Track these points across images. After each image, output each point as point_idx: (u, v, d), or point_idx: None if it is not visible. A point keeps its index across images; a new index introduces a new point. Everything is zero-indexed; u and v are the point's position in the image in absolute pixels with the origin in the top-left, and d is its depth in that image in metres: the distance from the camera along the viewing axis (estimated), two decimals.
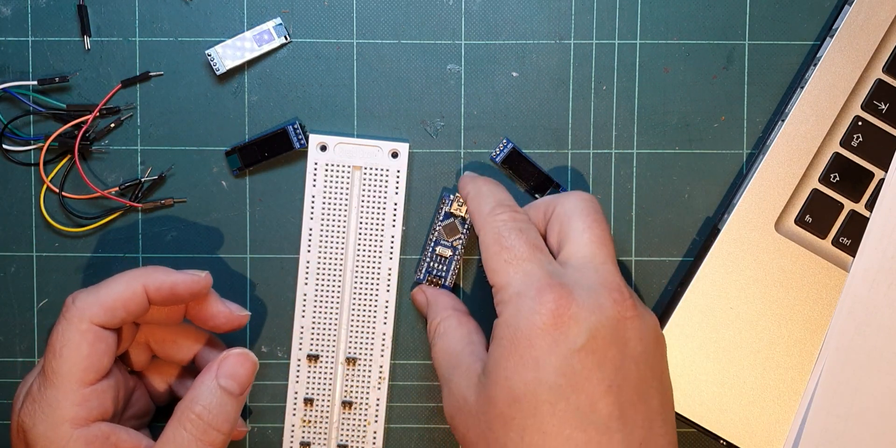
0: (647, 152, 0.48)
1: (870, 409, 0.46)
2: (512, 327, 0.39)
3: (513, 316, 0.40)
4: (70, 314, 0.40)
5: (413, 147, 0.48)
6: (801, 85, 0.47)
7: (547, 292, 0.39)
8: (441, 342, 0.44)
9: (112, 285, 0.41)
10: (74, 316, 0.40)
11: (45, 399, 0.39)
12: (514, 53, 0.48)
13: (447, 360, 0.43)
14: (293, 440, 0.47)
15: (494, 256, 0.41)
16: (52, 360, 0.39)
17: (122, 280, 0.41)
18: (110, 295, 0.40)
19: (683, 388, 0.46)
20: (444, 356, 0.43)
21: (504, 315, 0.40)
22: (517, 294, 0.40)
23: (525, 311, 0.39)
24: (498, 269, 0.41)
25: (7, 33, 0.48)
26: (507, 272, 0.41)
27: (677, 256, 0.48)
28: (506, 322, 0.40)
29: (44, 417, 0.39)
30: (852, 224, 0.47)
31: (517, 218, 0.43)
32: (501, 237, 0.42)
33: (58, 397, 0.39)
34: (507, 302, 0.40)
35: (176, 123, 0.48)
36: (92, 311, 0.40)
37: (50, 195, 0.48)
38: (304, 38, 0.48)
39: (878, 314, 0.46)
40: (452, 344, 0.43)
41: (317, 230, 0.47)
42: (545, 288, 0.39)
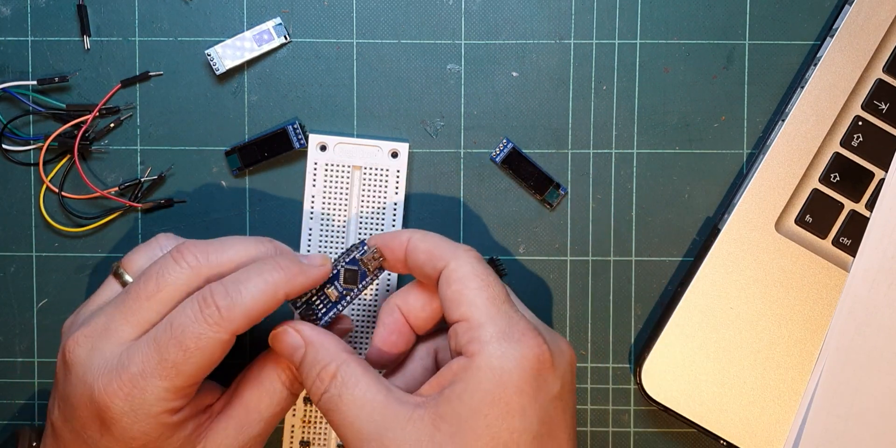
0: (647, 152, 0.48)
1: (870, 409, 0.46)
2: (497, 371, 0.36)
3: (498, 358, 0.37)
4: (213, 321, 0.37)
5: (413, 147, 0.48)
6: (801, 85, 0.47)
7: (531, 336, 0.37)
8: (349, 394, 0.37)
9: (258, 296, 0.38)
10: (220, 325, 0.37)
11: (152, 388, 0.37)
12: (514, 53, 0.48)
13: (371, 415, 0.37)
14: (293, 440, 0.47)
15: (474, 291, 0.38)
16: (180, 357, 0.37)
17: (269, 290, 0.38)
18: (258, 309, 0.38)
19: (683, 388, 0.46)
20: (363, 411, 0.37)
21: (484, 356, 0.37)
22: (501, 335, 0.37)
23: (513, 354, 0.37)
24: (477, 305, 0.38)
25: (7, 33, 0.48)
26: (487, 310, 0.38)
27: (677, 256, 0.48)
28: (488, 364, 0.36)
29: (144, 406, 0.37)
30: (852, 224, 0.47)
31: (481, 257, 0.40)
32: (482, 273, 0.39)
33: (168, 390, 0.37)
34: (487, 342, 0.37)
35: (176, 123, 0.48)
36: (239, 324, 0.37)
37: (50, 195, 0.48)
38: (303, 37, 0.48)
39: (878, 314, 0.46)
40: (369, 394, 0.37)
41: (317, 230, 0.47)
42: (528, 332, 0.37)
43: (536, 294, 0.48)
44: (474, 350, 0.37)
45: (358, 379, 0.38)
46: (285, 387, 0.40)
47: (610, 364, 0.49)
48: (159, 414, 0.38)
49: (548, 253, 0.48)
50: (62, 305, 0.48)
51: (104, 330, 0.39)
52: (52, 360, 0.48)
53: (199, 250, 0.39)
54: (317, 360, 0.39)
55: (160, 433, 0.38)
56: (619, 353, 0.49)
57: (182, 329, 0.37)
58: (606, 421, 0.49)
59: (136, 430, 0.37)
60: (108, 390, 0.37)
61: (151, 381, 0.37)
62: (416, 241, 0.40)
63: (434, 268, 0.39)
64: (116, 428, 0.37)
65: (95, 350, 0.38)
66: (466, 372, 0.37)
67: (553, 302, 0.48)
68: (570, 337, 0.49)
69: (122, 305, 0.39)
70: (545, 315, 0.48)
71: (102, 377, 0.37)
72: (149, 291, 0.39)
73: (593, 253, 0.48)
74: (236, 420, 0.40)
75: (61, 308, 0.48)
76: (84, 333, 0.39)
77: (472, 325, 0.38)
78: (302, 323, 0.40)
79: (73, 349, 0.39)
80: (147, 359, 0.37)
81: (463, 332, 0.38)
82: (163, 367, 0.37)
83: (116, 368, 0.37)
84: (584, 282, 0.48)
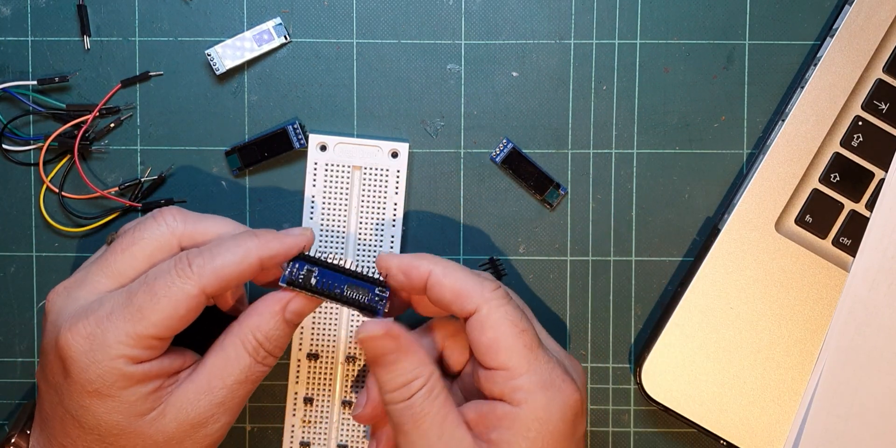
0: (647, 152, 0.48)
1: (870, 409, 0.46)
2: (543, 420, 0.38)
3: (544, 408, 0.39)
4: (185, 274, 0.38)
5: (413, 147, 0.48)
6: (801, 85, 0.47)
7: (570, 383, 0.39)
8: (430, 406, 0.39)
9: (229, 257, 0.39)
10: (190, 279, 0.38)
11: (114, 330, 0.38)
12: (514, 53, 0.48)
13: (440, 437, 0.39)
14: (293, 440, 0.47)
15: (512, 339, 0.39)
16: (147, 301, 0.38)
17: (240, 252, 0.39)
18: (228, 269, 0.39)
19: (683, 388, 0.46)
20: (433, 428, 0.39)
21: (530, 406, 0.39)
22: (545, 384, 0.39)
23: (558, 403, 0.39)
24: (517, 354, 0.39)
25: (7, 33, 0.48)
26: (527, 358, 0.39)
27: (677, 256, 0.48)
28: (534, 415, 0.38)
29: (103, 347, 0.38)
30: (852, 224, 0.47)
31: (509, 294, 0.41)
32: (516, 319, 0.40)
33: (129, 335, 0.38)
34: (531, 391, 0.39)
35: (176, 123, 0.48)
36: (209, 281, 0.39)
37: (50, 195, 0.48)
38: (303, 37, 0.48)
39: (878, 314, 0.46)
40: (444, 410, 0.39)
41: (317, 230, 0.47)
42: (567, 379, 0.39)
43: (536, 294, 0.48)
44: (520, 399, 0.39)
45: (438, 394, 0.39)
46: (248, 354, 0.40)
47: (610, 364, 0.49)
48: (116, 358, 0.38)
49: (548, 253, 0.48)
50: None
51: (82, 280, 0.40)
52: None
53: (180, 214, 0.41)
54: (409, 370, 0.39)
55: (115, 380, 0.38)
56: (619, 353, 0.49)
57: (154, 277, 0.39)
58: (606, 421, 0.49)
59: (92, 372, 0.38)
60: (73, 330, 0.38)
61: (115, 323, 0.38)
62: (439, 276, 0.40)
63: (462, 309, 0.40)
64: (74, 368, 0.38)
65: (70, 298, 0.40)
66: (513, 420, 0.39)
67: (553, 302, 0.48)
68: (570, 337, 0.49)
69: (100, 259, 0.41)
70: (545, 315, 0.48)
71: (71, 319, 0.39)
72: (124, 245, 0.40)
73: (593, 253, 0.48)
74: (197, 385, 0.40)
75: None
76: (64, 285, 0.41)
77: (513, 374, 0.39)
78: (398, 326, 0.39)
79: (52, 298, 0.41)
80: (117, 303, 0.39)
81: (503, 380, 0.39)
82: (129, 310, 0.38)
83: (86, 311, 0.39)
84: (584, 282, 0.48)
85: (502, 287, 0.41)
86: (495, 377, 0.39)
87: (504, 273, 0.48)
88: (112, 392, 0.38)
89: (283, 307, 0.40)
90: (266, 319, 0.40)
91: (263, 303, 0.41)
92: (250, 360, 0.40)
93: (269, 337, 0.40)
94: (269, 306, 0.40)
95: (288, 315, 0.40)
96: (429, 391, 0.39)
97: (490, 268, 0.48)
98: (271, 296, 0.41)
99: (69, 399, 0.39)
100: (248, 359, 0.40)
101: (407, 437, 0.39)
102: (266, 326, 0.40)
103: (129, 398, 0.39)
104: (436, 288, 0.40)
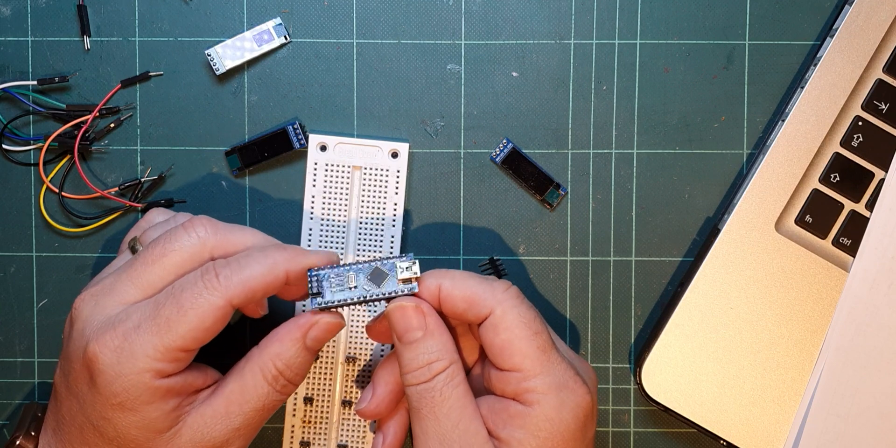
0: (647, 152, 0.48)
1: (870, 409, 0.46)
2: (555, 421, 0.39)
3: (556, 409, 0.39)
4: (212, 286, 0.38)
5: (413, 147, 0.48)
6: (801, 85, 0.47)
7: (581, 385, 0.40)
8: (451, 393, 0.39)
9: (257, 268, 0.39)
10: (217, 290, 0.38)
11: (142, 343, 0.38)
12: (514, 53, 0.48)
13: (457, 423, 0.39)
14: (293, 440, 0.47)
15: (525, 341, 0.39)
16: (174, 313, 0.38)
17: (268, 263, 0.39)
18: (255, 280, 0.39)
19: (683, 389, 0.46)
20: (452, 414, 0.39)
21: (543, 407, 0.39)
22: (557, 386, 0.39)
23: (570, 405, 0.39)
24: (531, 355, 0.39)
25: (7, 33, 0.48)
26: (540, 360, 0.39)
27: (677, 256, 0.48)
28: (546, 416, 0.39)
29: (131, 359, 0.38)
30: (852, 224, 0.47)
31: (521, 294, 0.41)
32: (530, 320, 0.40)
33: (157, 348, 0.38)
34: (544, 392, 0.39)
35: (176, 123, 0.48)
36: (235, 292, 0.38)
37: (50, 195, 0.48)
38: (303, 38, 0.48)
39: (878, 314, 0.46)
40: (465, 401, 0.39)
41: (317, 230, 0.47)
42: (579, 381, 0.40)
43: (536, 294, 0.48)
44: (532, 400, 0.39)
45: (460, 381, 0.39)
46: (267, 383, 0.40)
47: (610, 364, 0.49)
48: (143, 371, 0.38)
49: (548, 253, 0.48)
50: (62, 305, 0.48)
51: (110, 289, 0.40)
52: (52, 360, 0.48)
53: (210, 224, 0.41)
54: (432, 351, 0.39)
55: (140, 394, 0.38)
56: (619, 353, 0.49)
57: (181, 289, 0.39)
58: (606, 421, 0.49)
59: (118, 385, 0.38)
60: (101, 341, 0.38)
61: (143, 335, 0.38)
62: (449, 288, 0.40)
63: (477, 315, 0.40)
64: (100, 379, 0.38)
65: (98, 306, 0.40)
66: (525, 419, 0.39)
67: (553, 302, 0.48)
68: (569, 337, 0.49)
69: (129, 268, 0.40)
70: (545, 315, 0.48)
71: (99, 330, 0.39)
72: (154, 255, 0.40)
73: (593, 253, 0.48)
74: (214, 409, 0.40)
75: (61, 308, 0.48)
76: (91, 292, 0.40)
77: (527, 375, 0.39)
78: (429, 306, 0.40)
79: (78, 306, 0.40)
80: (144, 315, 0.38)
81: (517, 381, 0.39)
82: (156, 322, 0.38)
83: (113, 322, 0.39)
84: (584, 282, 0.48)
85: (513, 287, 0.41)
86: (508, 378, 0.39)
87: (504, 273, 0.48)
88: (135, 406, 0.38)
89: (303, 334, 0.40)
90: (287, 347, 0.40)
91: (285, 329, 0.40)
92: (269, 389, 0.40)
93: (289, 365, 0.40)
94: (290, 333, 0.40)
95: (309, 342, 0.40)
96: (450, 376, 0.39)
97: (490, 268, 0.48)
98: (292, 322, 0.41)
99: (92, 409, 0.39)
100: (267, 387, 0.40)
101: (423, 422, 0.39)
102: (287, 354, 0.40)
103: (151, 414, 0.39)
104: (448, 301, 0.40)
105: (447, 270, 0.41)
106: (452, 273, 0.41)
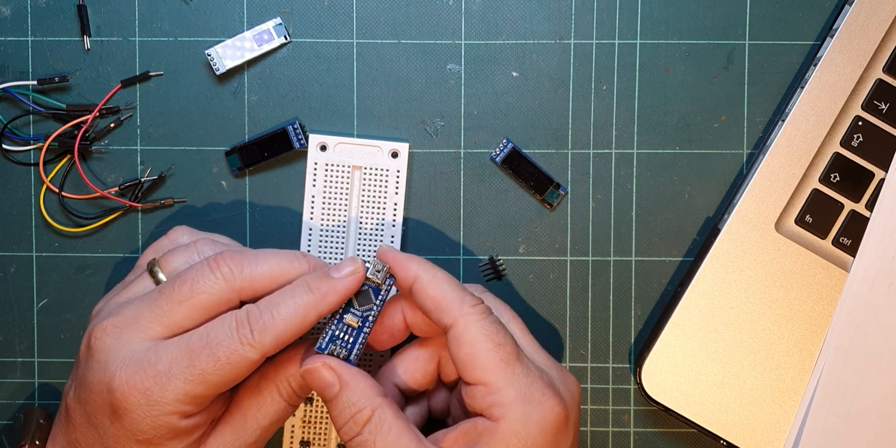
0: (647, 152, 0.48)
1: (870, 409, 0.46)
2: (522, 435, 0.38)
3: (521, 422, 0.38)
4: (248, 342, 0.38)
5: (413, 147, 0.48)
6: (801, 85, 0.47)
7: (549, 396, 0.39)
8: (382, 440, 0.38)
9: (291, 321, 0.39)
10: (252, 346, 0.38)
11: (174, 390, 0.38)
12: (514, 53, 0.48)
13: None
14: (293, 440, 0.47)
15: (487, 353, 0.39)
16: (210, 366, 0.38)
17: (300, 313, 0.39)
18: (289, 331, 0.39)
19: (683, 388, 0.46)
20: None
21: (508, 421, 0.38)
22: (523, 398, 0.38)
23: (536, 417, 0.38)
24: (493, 368, 0.39)
25: (7, 33, 0.48)
26: (504, 372, 0.39)
27: (677, 256, 0.48)
28: (512, 429, 0.38)
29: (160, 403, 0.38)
30: (852, 224, 0.47)
31: (489, 310, 0.40)
32: (493, 333, 0.39)
33: (188, 394, 0.38)
34: (508, 406, 0.38)
35: (176, 123, 0.48)
36: (269, 347, 0.38)
37: (50, 195, 0.48)
38: (304, 38, 0.48)
39: (878, 314, 0.46)
40: (401, 443, 0.38)
41: (317, 230, 0.47)
42: (547, 391, 0.39)
43: (536, 294, 0.48)
44: (498, 414, 0.38)
45: (391, 426, 0.38)
46: (283, 398, 0.41)
47: (610, 364, 0.49)
48: (171, 414, 0.38)
49: (548, 253, 0.48)
50: (62, 305, 0.48)
51: (134, 323, 0.39)
52: (51, 360, 0.48)
53: (235, 262, 0.40)
54: (351, 403, 0.39)
55: (166, 433, 0.38)
56: (619, 353, 0.49)
57: (217, 342, 0.38)
58: (606, 421, 0.49)
59: (145, 424, 0.38)
60: (130, 382, 0.38)
61: (175, 382, 0.38)
62: (423, 282, 0.40)
63: (440, 320, 0.40)
64: (127, 419, 0.38)
65: (122, 341, 0.39)
66: (492, 435, 0.38)
67: (553, 302, 0.48)
68: (570, 337, 0.49)
69: (153, 304, 0.40)
70: (545, 315, 0.48)
71: (126, 368, 0.38)
72: (182, 296, 0.39)
73: (593, 253, 0.48)
74: (233, 427, 0.40)
75: (61, 308, 0.48)
76: (113, 323, 0.39)
77: (490, 389, 0.39)
78: (338, 362, 0.40)
79: (100, 336, 0.39)
80: (176, 361, 0.38)
81: (482, 395, 0.39)
82: (190, 371, 0.38)
83: (142, 363, 0.38)
84: (584, 282, 0.48)
85: (483, 304, 0.40)
86: (475, 392, 0.39)
87: (504, 273, 0.48)
88: (161, 442, 0.39)
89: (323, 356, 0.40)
90: None
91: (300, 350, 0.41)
92: (284, 404, 0.41)
93: (303, 385, 0.41)
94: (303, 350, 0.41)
95: None
96: (377, 424, 0.38)
97: (490, 268, 0.48)
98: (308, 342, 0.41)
99: (114, 441, 0.39)
100: (284, 403, 0.41)
101: None
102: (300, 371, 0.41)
103: (176, 446, 0.39)
104: (419, 294, 0.40)
105: (432, 266, 0.41)
106: (434, 270, 0.41)
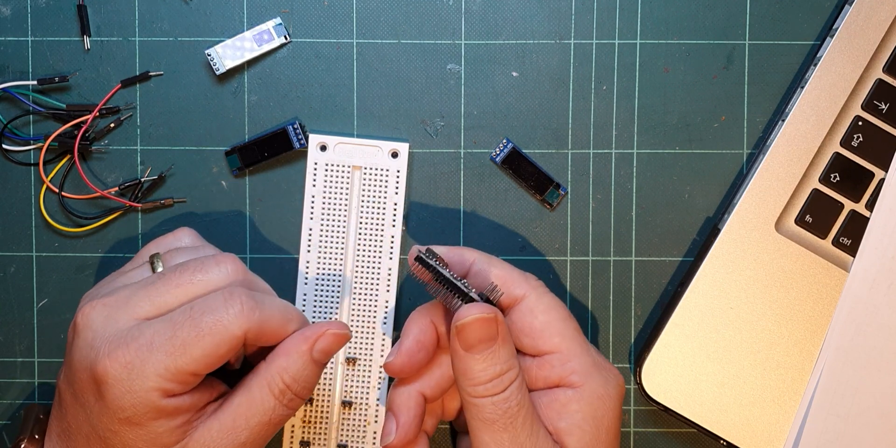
0: (647, 152, 0.48)
1: (870, 409, 0.46)
2: (604, 398, 0.41)
3: (603, 386, 0.41)
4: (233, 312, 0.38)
5: (413, 147, 0.48)
6: (801, 85, 0.47)
7: (612, 365, 0.43)
8: (522, 402, 0.39)
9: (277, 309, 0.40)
10: (238, 317, 0.38)
11: (154, 362, 0.38)
12: (514, 53, 0.48)
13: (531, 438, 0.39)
14: (293, 440, 0.47)
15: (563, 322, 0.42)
16: (192, 336, 0.38)
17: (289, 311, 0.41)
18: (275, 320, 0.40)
19: (683, 388, 0.46)
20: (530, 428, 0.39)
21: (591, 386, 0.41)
22: (597, 365, 0.41)
23: (613, 382, 0.41)
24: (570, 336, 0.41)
25: (7, 33, 0.48)
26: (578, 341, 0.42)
27: (677, 256, 0.48)
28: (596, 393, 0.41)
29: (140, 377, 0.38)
30: (852, 224, 0.47)
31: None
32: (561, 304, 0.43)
33: (168, 369, 0.38)
34: (588, 372, 0.41)
35: (176, 123, 0.48)
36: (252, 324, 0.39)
37: (50, 195, 0.48)
38: (304, 37, 0.48)
39: (878, 314, 0.46)
40: (531, 407, 0.39)
41: (317, 230, 0.47)
42: (608, 361, 0.43)
43: None
44: (577, 381, 0.40)
45: (528, 393, 0.40)
46: (274, 396, 0.40)
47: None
48: (151, 390, 0.38)
49: (548, 253, 0.48)
50: (62, 305, 0.48)
51: (124, 302, 0.39)
52: (51, 360, 0.48)
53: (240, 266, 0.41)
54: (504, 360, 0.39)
55: (147, 411, 0.38)
56: (619, 353, 0.49)
57: (202, 311, 0.38)
58: None
59: (126, 400, 0.38)
60: (112, 355, 0.38)
61: (156, 354, 0.38)
62: (483, 263, 0.42)
63: (510, 294, 0.42)
64: (109, 395, 0.38)
65: (110, 318, 0.39)
66: (580, 403, 0.40)
67: None
68: None
69: (149, 285, 0.40)
70: None
71: (109, 344, 0.38)
72: (181, 280, 0.40)
73: (593, 253, 0.48)
74: (220, 423, 0.40)
75: (61, 308, 0.48)
76: (103, 302, 0.40)
77: (568, 355, 0.41)
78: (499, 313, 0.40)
79: (87, 313, 0.39)
80: (158, 333, 0.38)
81: (560, 363, 0.41)
82: (171, 343, 0.38)
83: (126, 338, 0.38)
84: (584, 282, 0.48)
85: (541, 281, 0.43)
86: (551, 361, 0.40)
87: None
88: (142, 421, 0.38)
89: (310, 347, 0.40)
90: (294, 360, 0.40)
91: (291, 342, 0.41)
92: (275, 403, 0.40)
93: (296, 378, 0.40)
94: (297, 346, 0.40)
95: (316, 354, 0.40)
96: (520, 385, 0.39)
97: None
98: (299, 335, 0.41)
99: (99, 421, 0.39)
100: (274, 401, 0.40)
101: (497, 433, 0.39)
102: (294, 367, 0.40)
103: (158, 429, 0.39)
104: (480, 275, 0.42)
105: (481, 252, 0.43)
106: (486, 255, 0.43)
